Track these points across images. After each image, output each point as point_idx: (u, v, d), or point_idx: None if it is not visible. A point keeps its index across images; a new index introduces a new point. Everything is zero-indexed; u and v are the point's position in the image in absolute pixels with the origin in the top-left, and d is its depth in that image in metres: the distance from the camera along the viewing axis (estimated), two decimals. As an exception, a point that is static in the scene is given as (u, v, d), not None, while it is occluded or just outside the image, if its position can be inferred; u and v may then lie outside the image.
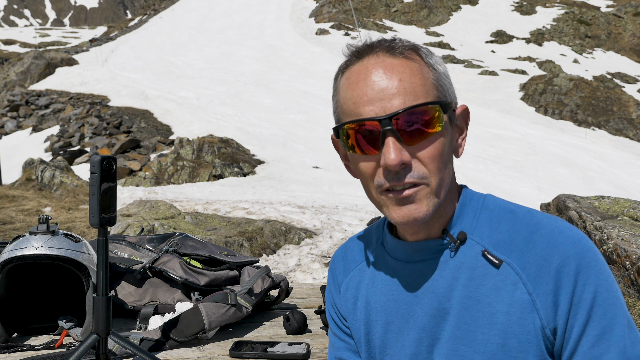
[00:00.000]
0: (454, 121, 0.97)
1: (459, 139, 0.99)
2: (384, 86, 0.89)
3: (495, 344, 0.91)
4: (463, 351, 0.94)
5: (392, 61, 0.91)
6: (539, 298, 0.89)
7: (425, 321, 0.98)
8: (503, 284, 0.92)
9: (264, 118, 22.34)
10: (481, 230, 0.97)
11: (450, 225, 0.98)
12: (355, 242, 1.15)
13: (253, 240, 6.43)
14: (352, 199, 10.26)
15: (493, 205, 1.00)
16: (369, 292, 1.07)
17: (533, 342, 0.90)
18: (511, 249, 0.93)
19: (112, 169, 1.40)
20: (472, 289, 0.94)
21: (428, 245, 0.98)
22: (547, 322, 0.89)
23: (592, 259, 0.89)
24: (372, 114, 0.89)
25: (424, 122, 0.89)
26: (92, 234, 6.50)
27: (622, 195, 5.09)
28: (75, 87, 28.79)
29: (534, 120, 27.55)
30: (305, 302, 2.24)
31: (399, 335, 1.02)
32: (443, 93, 0.93)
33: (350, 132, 0.92)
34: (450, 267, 0.96)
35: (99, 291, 1.44)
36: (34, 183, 10.63)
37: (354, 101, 0.91)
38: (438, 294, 0.97)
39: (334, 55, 37.79)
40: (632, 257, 2.55)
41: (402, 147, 0.89)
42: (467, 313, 0.94)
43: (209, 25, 49.40)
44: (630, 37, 51.01)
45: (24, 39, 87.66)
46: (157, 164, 15.47)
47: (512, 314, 0.90)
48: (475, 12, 58.03)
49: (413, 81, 0.90)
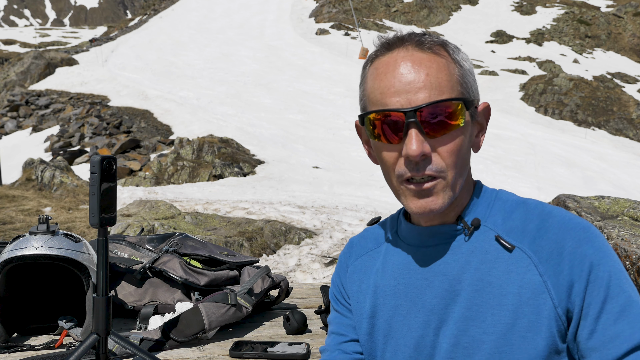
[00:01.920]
0: (475, 117, 1.00)
1: (479, 135, 1.03)
2: (411, 79, 0.92)
3: (505, 324, 0.93)
4: (473, 332, 0.95)
5: (420, 55, 0.94)
6: (550, 279, 0.91)
7: (435, 303, 0.99)
8: (515, 267, 0.94)
9: (264, 118, 22.33)
10: (495, 218, 1.00)
11: (464, 213, 1.01)
12: (370, 231, 1.18)
13: (253, 240, 6.43)
14: (352, 199, 10.27)
15: (506, 197, 1.03)
16: (378, 276, 1.09)
17: (543, 323, 0.91)
18: (524, 235, 0.96)
19: (112, 169, 1.39)
20: (483, 272, 0.96)
21: (442, 230, 1.01)
22: (559, 302, 0.91)
23: (603, 243, 0.93)
24: (398, 105, 0.92)
25: (447, 116, 0.92)
26: (92, 234, 6.50)
27: (622, 195, 5.09)
28: (75, 87, 28.79)
29: (534, 120, 27.55)
30: (305, 302, 2.24)
31: (406, 318, 1.03)
32: (467, 90, 0.96)
33: (376, 122, 0.95)
34: (463, 251, 0.99)
35: (99, 291, 1.43)
36: (34, 183, 10.63)
37: (381, 91, 0.94)
38: (449, 276, 0.98)
39: (334, 55, 37.79)
40: (632, 257, 2.55)
41: (424, 139, 0.92)
42: (477, 295, 0.95)
43: (209, 25, 49.39)
44: (630, 37, 51.00)
45: (24, 39, 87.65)
46: (157, 164, 15.46)
47: (523, 295, 0.92)
48: (475, 12, 58.02)
49: (439, 76, 0.92)
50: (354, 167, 15.53)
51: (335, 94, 27.73)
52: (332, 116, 23.30)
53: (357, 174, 14.49)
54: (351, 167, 15.49)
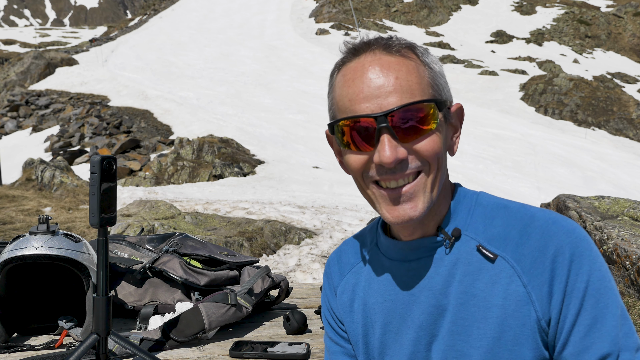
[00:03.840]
0: (448, 119, 0.97)
1: (454, 137, 1.00)
2: (380, 83, 0.89)
3: (491, 337, 0.91)
4: (460, 346, 0.94)
5: (388, 59, 0.91)
6: (534, 290, 0.89)
7: (423, 319, 0.98)
8: (498, 278, 0.92)
9: (264, 118, 22.33)
10: (475, 226, 0.97)
11: (444, 222, 0.98)
12: (349, 244, 1.14)
13: (253, 240, 6.43)
14: (352, 199, 10.26)
15: (487, 202, 1.00)
16: (365, 293, 1.07)
17: (529, 335, 0.89)
18: (506, 243, 0.93)
19: (112, 169, 1.40)
20: (467, 284, 0.94)
21: (423, 244, 0.98)
22: (543, 313, 0.89)
23: (586, 248, 0.89)
24: (368, 111, 0.89)
25: (419, 120, 0.89)
26: (92, 234, 6.50)
27: (622, 195, 5.08)
28: (75, 87, 28.79)
29: (534, 120, 27.55)
30: (305, 302, 2.24)
31: (398, 335, 1.01)
32: (439, 91, 0.93)
33: (346, 129, 0.92)
34: (445, 263, 0.96)
35: (99, 291, 1.43)
36: (34, 183, 10.63)
37: (350, 98, 0.91)
38: (435, 291, 0.96)
39: (334, 55, 37.76)
40: (632, 257, 2.55)
41: (398, 144, 0.89)
42: (463, 308, 0.94)
43: (209, 25, 49.38)
44: (630, 37, 51.00)
45: (24, 39, 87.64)
46: (157, 164, 15.46)
47: (507, 307, 0.90)
48: (475, 12, 58.01)
49: (409, 79, 0.90)
50: (354, 167, 15.52)
51: (335, 94, 27.70)
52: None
53: (357, 174, 14.48)
54: (351, 167, 15.48)
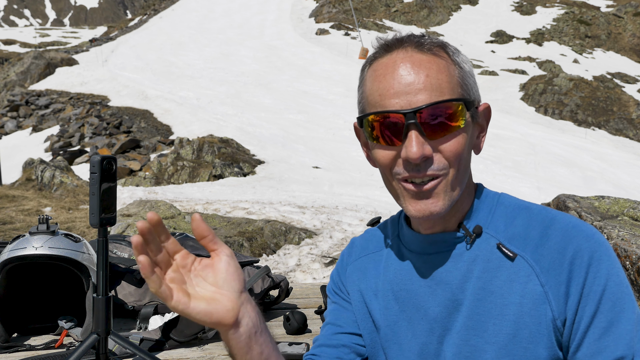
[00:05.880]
0: (476, 119, 0.99)
1: (480, 136, 1.01)
2: (411, 80, 0.91)
3: (507, 334, 0.92)
4: (474, 341, 0.95)
5: (420, 57, 0.93)
6: (551, 290, 0.91)
7: (438, 312, 0.99)
8: (516, 276, 0.93)
9: (264, 118, 22.33)
10: (496, 224, 0.99)
11: (466, 219, 1.00)
12: (372, 232, 1.17)
13: (253, 240, 6.43)
14: (352, 199, 10.27)
15: (508, 202, 1.02)
16: (379, 280, 1.08)
17: (544, 334, 0.91)
18: (526, 243, 0.95)
19: (112, 169, 1.40)
20: (485, 281, 0.95)
21: (443, 238, 1.00)
22: (559, 313, 0.90)
23: (604, 253, 0.91)
24: (398, 106, 0.91)
25: (447, 117, 0.91)
26: (92, 234, 6.50)
27: (622, 195, 5.07)
28: (75, 87, 28.79)
29: (534, 120, 27.55)
30: (305, 302, 2.24)
31: (410, 324, 1.03)
32: (467, 91, 0.95)
33: (375, 124, 0.94)
34: (464, 259, 0.98)
35: (99, 291, 1.43)
36: (34, 183, 10.63)
37: (380, 93, 0.93)
38: (452, 285, 0.98)
39: (334, 55, 37.79)
40: (632, 257, 2.55)
41: (425, 141, 0.91)
42: (479, 304, 0.95)
43: (209, 25, 49.37)
44: (630, 37, 50.99)
45: (24, 39, 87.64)
46: (157, 164, 15.46)
47: (524, 305, 0.92)
48: (475, 12, 58.00)
49: (439, 77, 0.91)
50: (354, 167, 15.53)
51: (335, 94, 27.73)
52: (332, 116, 23.31)
53: (357, 173, 14.50)
54: (351, 167, 15.49)
